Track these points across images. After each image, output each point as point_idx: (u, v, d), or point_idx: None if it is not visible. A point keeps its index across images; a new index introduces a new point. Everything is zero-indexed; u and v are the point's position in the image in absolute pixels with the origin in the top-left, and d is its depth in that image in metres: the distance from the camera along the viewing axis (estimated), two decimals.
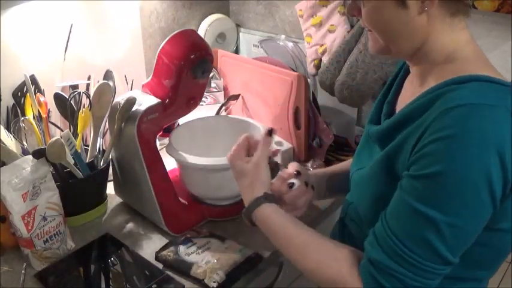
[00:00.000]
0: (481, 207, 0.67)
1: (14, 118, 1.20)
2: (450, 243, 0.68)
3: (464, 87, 0.69)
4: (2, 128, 1.09)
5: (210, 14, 1.64)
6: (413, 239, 0.68)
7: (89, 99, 1.17)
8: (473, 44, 0.78)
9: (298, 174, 0.96)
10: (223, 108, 1.50)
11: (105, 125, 1.19)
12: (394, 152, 0.75)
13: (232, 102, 1.53)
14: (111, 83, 1.18)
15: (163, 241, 1.10)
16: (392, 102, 0.88)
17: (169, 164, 1.17)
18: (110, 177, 1.23)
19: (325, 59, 1.41)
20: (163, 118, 1.12)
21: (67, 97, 1.18)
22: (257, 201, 0.86)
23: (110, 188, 1.25)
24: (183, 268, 1.00)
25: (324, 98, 1.48)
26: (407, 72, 0.87)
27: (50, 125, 1.18)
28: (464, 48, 0.77)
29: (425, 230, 0.67)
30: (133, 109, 1.08)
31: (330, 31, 1.37)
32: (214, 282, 0.95)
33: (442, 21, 0.75)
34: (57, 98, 1.19)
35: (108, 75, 1.28)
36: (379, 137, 0.83)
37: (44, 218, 1.02)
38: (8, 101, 1.20)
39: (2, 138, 1.06)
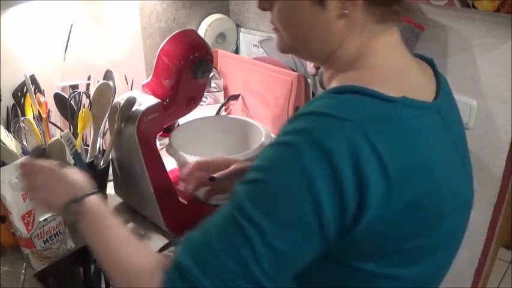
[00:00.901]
0: (304, 226, 0.58)
1: (14, 118, 1.20)
2: (264, 265, 0.58)
3: (333, 97, 0.61)
4: (2, 128, 1.09)
5: (210, 14, 1.64)
6: (228, 252, 0.59)
7: (89, 99, 1.17)
8: (394, 52, 0.69)
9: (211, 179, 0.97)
10: (223, 108, 1.50)
11: (105, 125, 1.19)
12: None
13: (232, 102, 1.53)
14: (111, 83, 1.18)
15: (163, 241, 1.10)
16: None
17: (169, 164, 1.17)
18: (110, 177, 1.23)
19: None
20: (163, 118, 1.12)
21: (67, 97, 1.18)
22: (89, 192, 0.77)
23: (110, 188, 1.25)
24: None
25: None
26: None
27: (50, 125, 1.18)
28: (377, 57, 0.67)
29: (240, 245, 0.58)
30: (133, 109, 1.08)
31: None
32: None
33: (362, 27, 0.66)
34: (57, 98, 1.19)
35: (108, 75, 1.28)
36: None
37: (44, 218, 1.02)
38: (8, 101, 1.20)
39: (2, 138, 1.06)
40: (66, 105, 1.17)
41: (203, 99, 1.33)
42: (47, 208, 0.84)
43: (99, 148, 1.18)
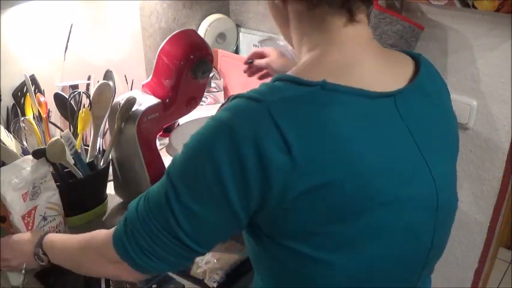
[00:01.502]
0: (210, 196, 0.63)
1: (14, 118, 1.20)
2: (182, 224, 0.66)
3: (266, 84, 0.66)
4: (2, 128, 1.09)
5: (210, 14, 1.64)
6: (158, 212, 0.67)
7: (89, 99, 1.17)
8: (342, 45, 0.69)
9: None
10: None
11: (105, 125, 1.19)
12: None
13: None
14: (111, 83, 1.18)
15: None
16: None
17: None
18: (110, 177, 1.23)
19: None
20: (163, 118, 1.12)
21: (67, 97, 1.17)
22: (40, 237, 0.92)
23: (110, 188, 1.25)
24: (183, 268, 1.00)
25: None
26: None
27: (50, 125, 1.18)
28: (326, 48, 0.69)
29: (163, 204, 0.66)
30: (133, 109, 1.08)
31: None
32: (214, 282, 0.95)
33: (300, 15, 0.72)
34: (57, 98, 1.19)
35: (108, 75, 1.28)
36: None
37: (44, 218, 1.02)
38: (8, 101, 1.20)
39: (2, 138, 1.06)
40: (66, 105, 1.17)
41: (203, 99, 1.33)
42: (20, 267, 0.95)
43: (99, 148, 1.18)
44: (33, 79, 1.20)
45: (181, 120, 1.26)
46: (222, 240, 0.72)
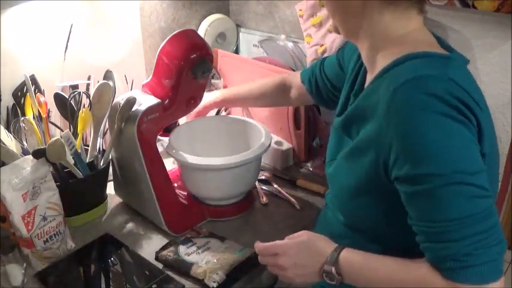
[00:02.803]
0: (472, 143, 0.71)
1: (14, 118, 1.20)
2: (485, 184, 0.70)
3: (406, 64, 0.74)
4: (2, 128, 1.09)
5: (210, 14, 1.64)
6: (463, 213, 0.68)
7: (89, 99, 1.17)
8: (423, 31, 0.82)
9: None
10: (223, 108, 1.50)
11: (105, 125, 1.19)
12: (363, 145, 0.79)
13: None
14: (111, 83, 1.18)
15: (163, 241, 1.10)
16: (359, 93, 0.89)
17: (169, 164, 1.17)
18: (110, 177, 1.23)
19: None
20: (163, 118, 1.12)
21: (67, 97, 1.18)
22: (336, 249, 0.83)
23: (110, 188, 1.25)
24: (183, 268, 1.00)
25: None
26: None
27: (50, 125, 1.18)
28: (412, 34, 0.80)
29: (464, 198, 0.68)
30: (133, 109, 1.08)
31: (330, 31, 1.37)
32: (214, 282, 0.95)
33: (380, 6, 0.79)
34: (57, 98, 1.19)
35: (108, 75, 1.28)
36: (343, 127, 0.88)
37: (44, 218, 1.02)
38: (8, 101, 1.20)
39: (2, 138, 1.06)
40: (66, 105, 1.17)
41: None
42: (303, 281, 0.86)
43: (99, 148, 1.18)
44: (33, 79, 1.20)
45: (181, 120, 1.26)
46: None
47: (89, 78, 1.30)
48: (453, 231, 0.68)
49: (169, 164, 1.17)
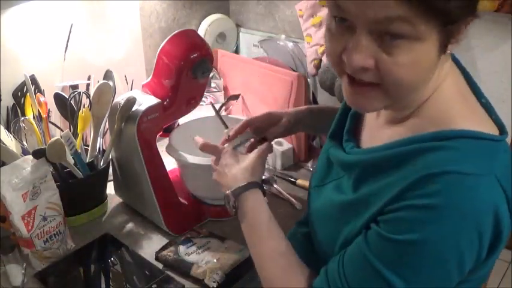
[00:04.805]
0: (447, 283, 0.64)
1: (14, 118, 1.20)
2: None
3: (450, 147, 0.63)
4: (2, 128, 1.09)
5: (210, 14, 1.64)
6: None
7: (89, 99, 1.17)
8: (451, 74, 0.71)
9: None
10: (223, 108, 1.50)
11: (105, 125, 1.19)
12: (366, 200, 0.70)
13: (232, 102, 1.53)
14: (111, 83, 1.18)
15: (163, 241, 1.10)
16: (353, 131, 0.82)
17: (169, 164, 1.17)
18: (110, 177, 1.23)
19: (325, 59, 1.41)
20: (163, 118, 1.12)
21: (67, 97, 1.18)
22: (251, 184, 0.84)
23: (110, 188, 1.25)
24: (183, 268, 1.00)
25: (324, 98, 1.47)
26: None
27: (50, 125, 1.18)
28: (444, 82, 0.70)
29: None
30: (133, 109, 1.08)
31: None
32: (214, 282, 0.95)
33: (438, 59, 0.66)
34: (57, 98, 1.19)
35: (108, 75, 1.28)
36: (346, 168, 0.78)
37: (44, 218, 1.02)
38: (8, 101, 1.20)
39: (2, 138, 1.06)
40: (66, 105, 1.17)
41: (203, 99, 1.32)
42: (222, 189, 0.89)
43: (99, 148, 1.18)
44: (33, 79, 1.20)
45: (181, 120, 1.26)
46: None
47: (89, 78, 1.30)
48: None
49: (170, 164, 1.17)
